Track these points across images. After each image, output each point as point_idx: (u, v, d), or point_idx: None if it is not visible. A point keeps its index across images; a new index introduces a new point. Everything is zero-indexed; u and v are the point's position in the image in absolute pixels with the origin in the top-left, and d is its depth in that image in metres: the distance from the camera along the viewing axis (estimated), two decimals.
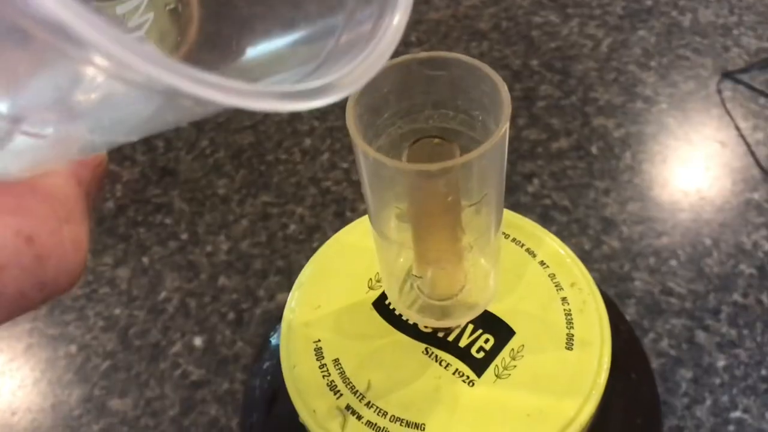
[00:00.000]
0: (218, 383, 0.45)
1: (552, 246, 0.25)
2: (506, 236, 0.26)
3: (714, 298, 0.46)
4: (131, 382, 0.46)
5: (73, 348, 0.48)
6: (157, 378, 0.46)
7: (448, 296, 0.23)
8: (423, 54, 0.17)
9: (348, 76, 0.12)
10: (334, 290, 0.26)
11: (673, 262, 0.47)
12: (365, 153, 0.17)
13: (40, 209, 0.13)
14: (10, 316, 0.13)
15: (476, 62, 0.17)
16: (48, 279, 0.13)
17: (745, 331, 0.44)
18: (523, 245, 0.25)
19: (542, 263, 0.25)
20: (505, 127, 0.17)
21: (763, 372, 0.42)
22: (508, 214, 0.26)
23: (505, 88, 0.17)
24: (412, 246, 0.20)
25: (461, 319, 0.23)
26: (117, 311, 0.49)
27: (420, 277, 0.22)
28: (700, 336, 0.44)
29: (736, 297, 0.46)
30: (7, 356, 0.48)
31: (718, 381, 0.42)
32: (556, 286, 0.24)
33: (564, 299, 0.24)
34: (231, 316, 0.48)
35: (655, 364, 0.43)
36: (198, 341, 0.47)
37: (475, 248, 0.20)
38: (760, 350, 0.43)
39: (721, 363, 0.43)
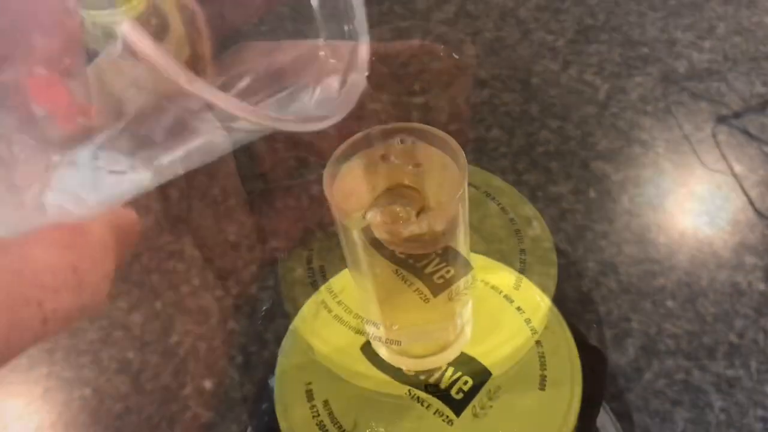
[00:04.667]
0: (227, 426, 0.46)
1: (528, 293, 0.27)
2: (485, 284, 0.27)
3: (710, 338, 0.46)
4: (143, 424, 0.47)
5: (87, 391, 0.49)
6: (168, 420, 0.47)
7: (425, 341, 0.24)
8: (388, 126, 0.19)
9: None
10: (325, 334, 0.27)
11: (670, 303, 0.48)
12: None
13: (86, 248, 0.17)
14: (61, 330, 0.16)
15: (433, 130, 0.19)
16: (86, 302, 0.17)
17: (741, 371, 0.45)
18: (501, 292, 0.27)
19: (519, 309, 0.26)
20: (462, 189, 0.19)
21: (760, 412, 0.43)
22: (488, 262, 0.28)
23: (462, 154, 0.19)
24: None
25: (438, 362, 0.24)
26: (130, 355, 0.51)
27: (396, 325, 0.24)
28: (697, 376, 0.45)
29: (732, 337, 0.46)
30: (26, 400, 0.49)
31: (714, 421, 0.43)
32: (531, 330, 0.26)
33: (538, 342, 0.25)
34: (239, 359, 0.50)
35: (652, 404, 0.44)
36: (208, 384, 0.49)
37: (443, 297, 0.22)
38: (756, 390, 0.44)
39: (718, 403, 0.44)
